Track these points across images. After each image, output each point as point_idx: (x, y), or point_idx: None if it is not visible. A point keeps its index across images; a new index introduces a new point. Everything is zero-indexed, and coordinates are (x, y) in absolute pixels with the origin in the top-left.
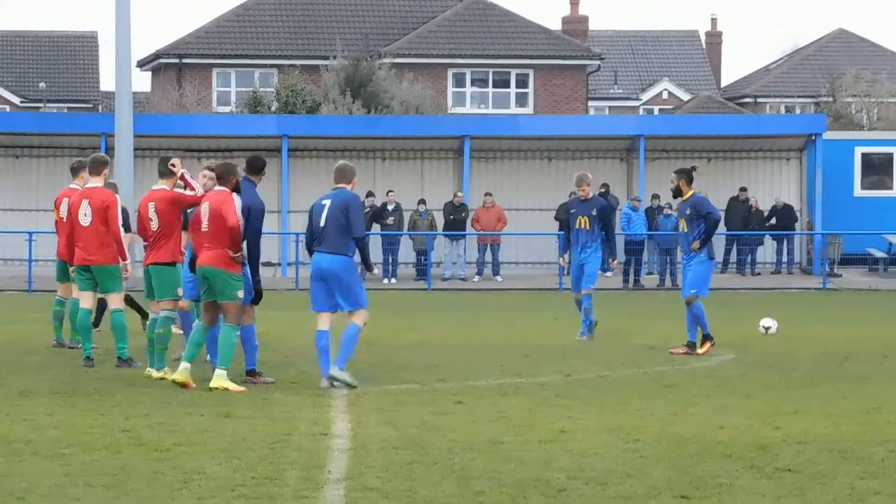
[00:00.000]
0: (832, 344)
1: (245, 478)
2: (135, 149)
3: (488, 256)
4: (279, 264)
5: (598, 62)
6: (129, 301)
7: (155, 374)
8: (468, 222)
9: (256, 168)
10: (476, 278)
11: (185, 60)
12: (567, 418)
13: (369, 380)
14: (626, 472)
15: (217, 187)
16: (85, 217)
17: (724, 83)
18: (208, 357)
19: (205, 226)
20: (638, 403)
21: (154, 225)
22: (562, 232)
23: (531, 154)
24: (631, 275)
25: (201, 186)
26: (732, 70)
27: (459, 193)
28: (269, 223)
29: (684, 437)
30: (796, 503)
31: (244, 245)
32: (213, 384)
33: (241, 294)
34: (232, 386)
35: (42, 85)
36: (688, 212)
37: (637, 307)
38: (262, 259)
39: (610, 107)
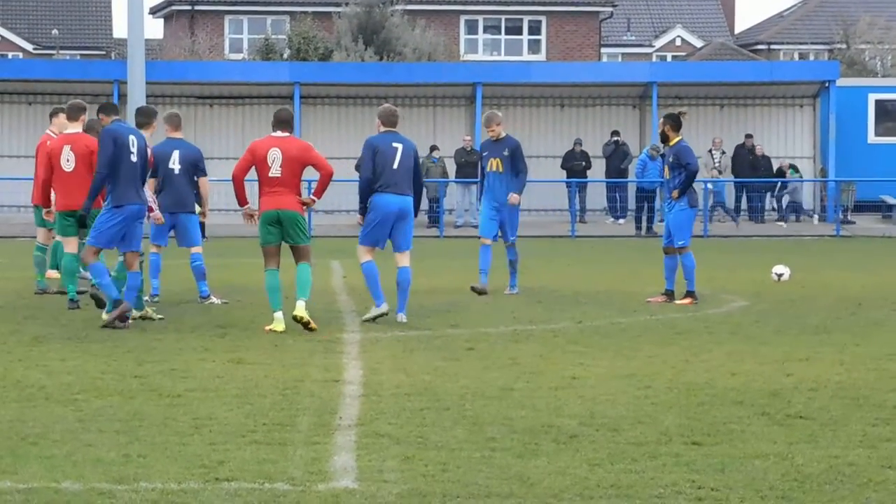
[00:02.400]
0: (845, 291)
1: (257, 423)
2: (147, 96)
3: None
4: None
5: (610, 9)
6: None
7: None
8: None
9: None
10: None
11: (197, 7)
12: (579, 365)
13: (381, 326)
14: (637, 418)
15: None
16: (68, 163)
17: (737, 30)
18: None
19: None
20: (650, 350)
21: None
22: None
23: (543, 101)
24: (644, 222)
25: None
26: (746, 16)
27: (467, 137)
28: None
29: (696, 383)
30: (808, 450)
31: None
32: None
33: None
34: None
35: (55, 32)
36: (670, 159)
37: (650, 254)
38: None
39: (623, 54)
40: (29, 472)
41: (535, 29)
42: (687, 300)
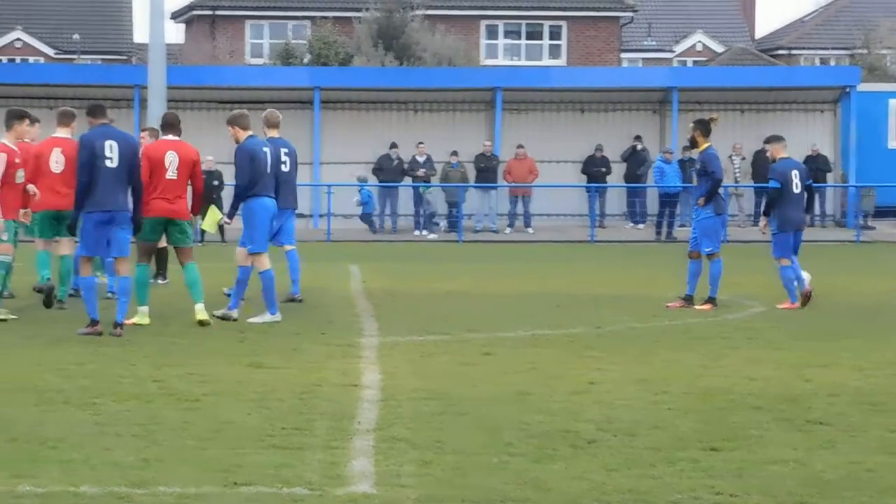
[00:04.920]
0: (864, 296)
1: (275, 428)
2: (168, 101)
3: (520, 208)
4: (311, 216)
5: (631, 14)
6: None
7: None
8: (499, 174)
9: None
10: (507, 230)
11: (218, 12)
12: (596, 370)
13: (400, 330)
14: (654, 423)
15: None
16: (57, 164)
17: (758, 35)
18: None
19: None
20: (667, 355)
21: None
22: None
23: (563, 106)
24: (664, 227)
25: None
26: (766, 22)
27: (487, 143)
28: (302, 174)
29: (714, 388)
30: (827, 455)
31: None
32: (199, 317)
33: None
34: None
35: (76, 37)
36: (697, 166)
37: (669, 260)
38: (297, 210)
39: (643, 59)
40: (48, 475)
41: (555, 34)
42: (707, 306)
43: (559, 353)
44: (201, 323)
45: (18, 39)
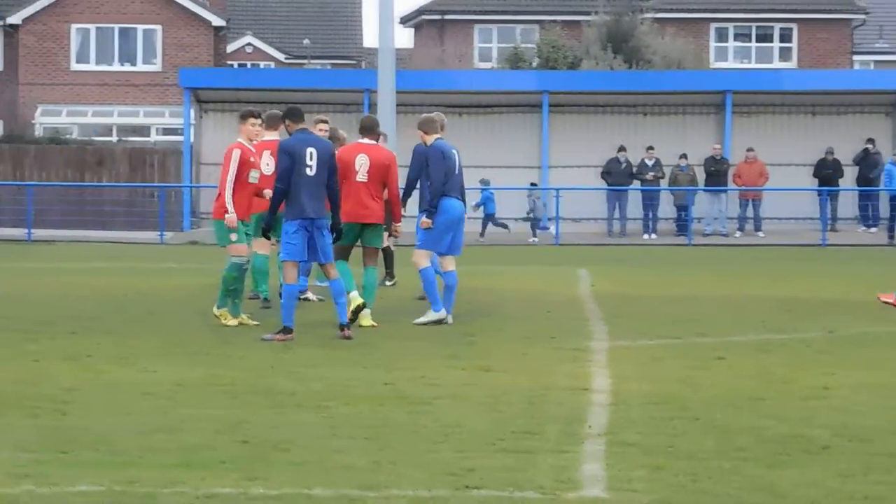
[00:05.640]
0: None
1: (505, 431)
2: (397, 105)
3: (750, 212)
4: (539, 219)
5: (863, 16)
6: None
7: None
8: (729, 177)
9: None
10: (737, 234)
11: (446, 17)
12: (830, 375)
13: (629, 334)
14: (892, 429)
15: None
16: (267, 167)
17: None
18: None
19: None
20: None
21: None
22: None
23: (794, 109)
24: None
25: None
26: None
27: (716, 146)
28: (530, 178)
29: None
30: None
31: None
32: (362, 322)
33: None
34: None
35: (306, 42)
36: None
37: None
38: (523, 214)
39: (874, 61)
40: (280, 478)
41: (786, 36)
42: None
43: (791, 357)
44: (363, 327)
45: (249, 44)
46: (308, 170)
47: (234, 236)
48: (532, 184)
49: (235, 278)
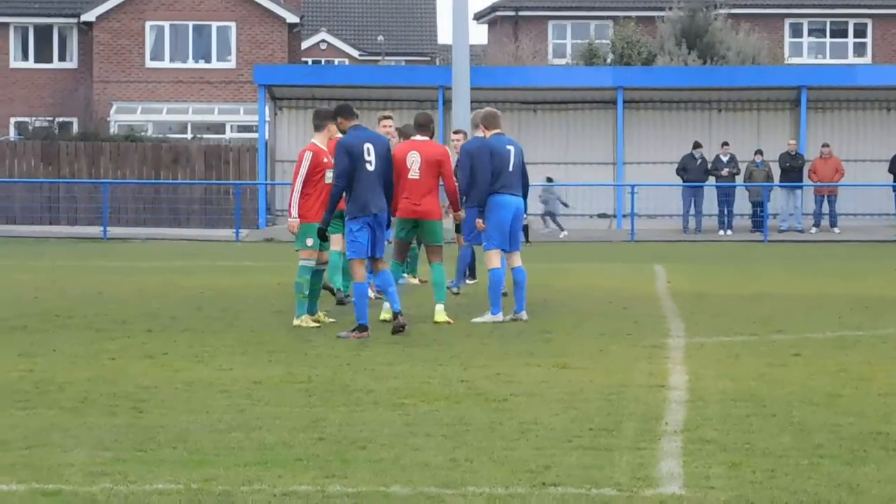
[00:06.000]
0: None
1: (582, 429)
2: (472, 101)
3: (825, 208)
4: (614, 216)
5: None
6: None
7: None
8: (804, 173)
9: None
10: (813, 230)
11: (521, 13)
12: None
13: (706, 331)
14: None
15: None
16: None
17: None
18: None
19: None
20: None
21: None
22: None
23: (869, 104)
24: None
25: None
26: None
27: (791, 141)
28: (606, 174)
29: None
30: None
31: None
32: (436, 319)
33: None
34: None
35: (380, 38)
36: None
37: None
38: (599, 210)
39: None
40: (358, 476)
41: (860, 31)
42: None
43: (869, 354)
44: (438, 323)
45: (324, 41)
46: (368, 165)
47: (310, 241)
48: (548, 179)
49: (308, 281)
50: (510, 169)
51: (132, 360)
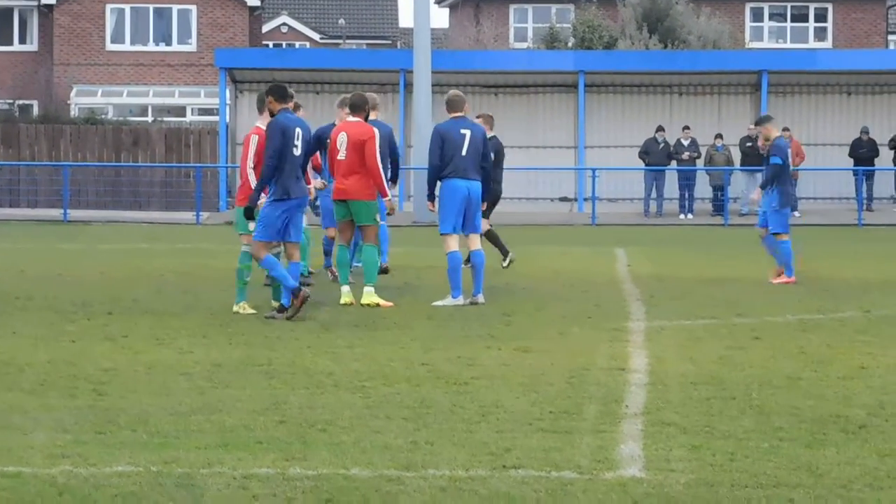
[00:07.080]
0: None
1: (543, 411)
2: (433, 84)
3: None
4: (576, 199)
5: None
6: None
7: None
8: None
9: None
10: None
11: None
12: (867, 355)
13: (667, 314)
14: None
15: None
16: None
17: None
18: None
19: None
20: None
21: None
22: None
23: (830, 89)
24: None
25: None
26: None
27: (752, 126)
28: (567, 158)
29: None
30: None
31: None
32: (364, 301)
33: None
34: (382, 301)
35: (341, 22)
36: None
37: None
38: (560, 194)
39: None
40: (318, 458)
41: (821, 16)
42: None
43: (828, 337)
44: (365, 306)
45: (284, 24)
46: (295, 150)
47: (251, 225)
48: None
49: (248, 267)
50: (463, 153)
51: (93, 343)
